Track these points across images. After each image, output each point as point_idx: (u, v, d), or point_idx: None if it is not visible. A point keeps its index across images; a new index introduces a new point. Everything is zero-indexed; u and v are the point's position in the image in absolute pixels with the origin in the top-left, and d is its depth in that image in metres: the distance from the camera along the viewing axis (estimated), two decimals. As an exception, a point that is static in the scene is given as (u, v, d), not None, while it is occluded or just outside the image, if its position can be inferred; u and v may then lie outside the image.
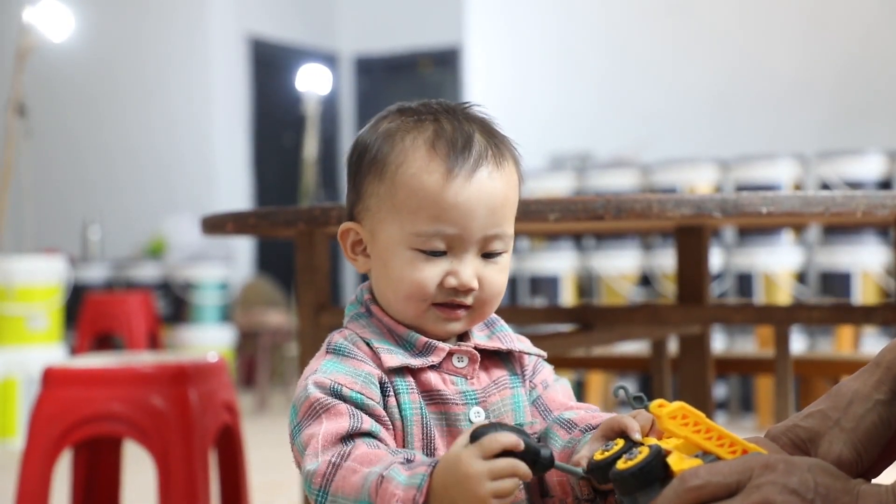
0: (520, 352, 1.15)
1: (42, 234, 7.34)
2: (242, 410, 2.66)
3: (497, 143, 1.12)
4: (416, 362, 1.09)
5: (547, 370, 1.19)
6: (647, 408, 1.02)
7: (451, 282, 1.09)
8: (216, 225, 2.04)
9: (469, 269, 1.09)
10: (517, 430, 1.00)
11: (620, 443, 1.01)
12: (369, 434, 1.04)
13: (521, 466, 0.98)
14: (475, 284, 1.09)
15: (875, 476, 1.06)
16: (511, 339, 1.16)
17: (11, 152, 5.24)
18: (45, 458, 2.23)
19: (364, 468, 1.00)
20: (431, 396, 1.09)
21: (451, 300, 1.10)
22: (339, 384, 1.06)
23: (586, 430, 1.11)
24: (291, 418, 1.09)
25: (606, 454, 1.01)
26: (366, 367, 1.08)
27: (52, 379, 2.27)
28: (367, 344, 1.10)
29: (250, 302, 7.41)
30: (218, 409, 2.32)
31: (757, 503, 0.91)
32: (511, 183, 1.12)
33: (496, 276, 1.11)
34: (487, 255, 1.11)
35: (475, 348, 1.12)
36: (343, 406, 1.05)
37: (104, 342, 6.06)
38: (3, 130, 5.32)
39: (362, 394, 1.06)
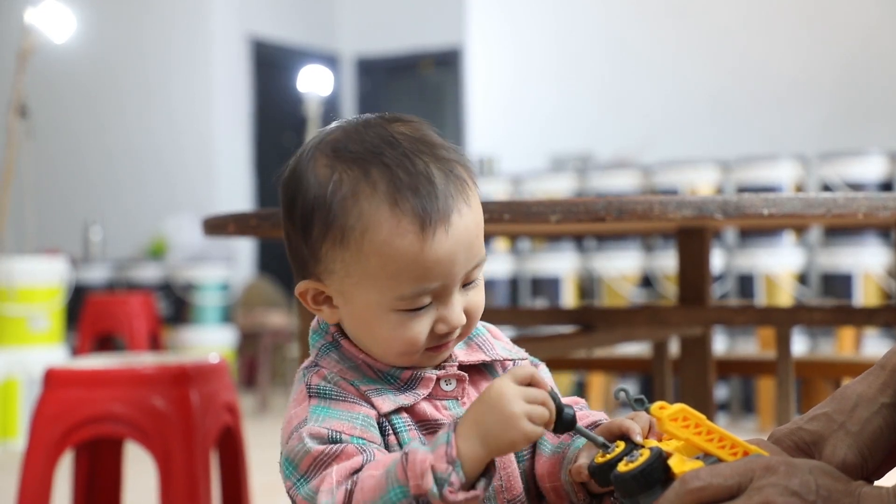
0: (504, 360, 1.12)
1: (43, 235, 7.34)
2: (243, 411, 2.66)
3: (453, 171, 1.03)
4: (408, 400, 1.05)
5: (525, 363, 1.15)
6: (648, 410, 1.02)
7: (443, 329, 1.04)
8: (217, 226, 2.04)
9: (457, 310, 1.04)
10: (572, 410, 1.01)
11: (621, 445, 1.01)
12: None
13: (549, 399, 0.97)
14: (464, 320, 1.05)
15: (878, 479, 1.06)
16: (490, 343, 1.13)
17: (13, 153, 5.24)
18: (47, 459, 2.23)
19: (380, 469, 0.97)
20: (428, 426, 1.06)
21: (442, 342, 1.06)
22: (337, 431, 1.00)
23: (575, 434, 1.09)
24: (288, 474, 1.02)
25: (608, 457, 1.01)
26: (362, 409, 1.03)
27: (53, 380, 2.27)
28: (353, 385, 1.05)
29: (251, 303, 7.41)
30: (219, 410, 2.32)
31: (758, 505, 0.91)
32: (478, 208, 1.05)
33: (477, 298, 1.07)
34: (467, 284, 1.06)
35: (460, 367, 1.09)
36: (351, 447, 0.99)
37: (105, 343, 6.06)
38: (5, 131, 5.33)
39: (363, 437, 1.01)
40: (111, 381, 2.25)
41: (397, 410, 1.04)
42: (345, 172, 1.03)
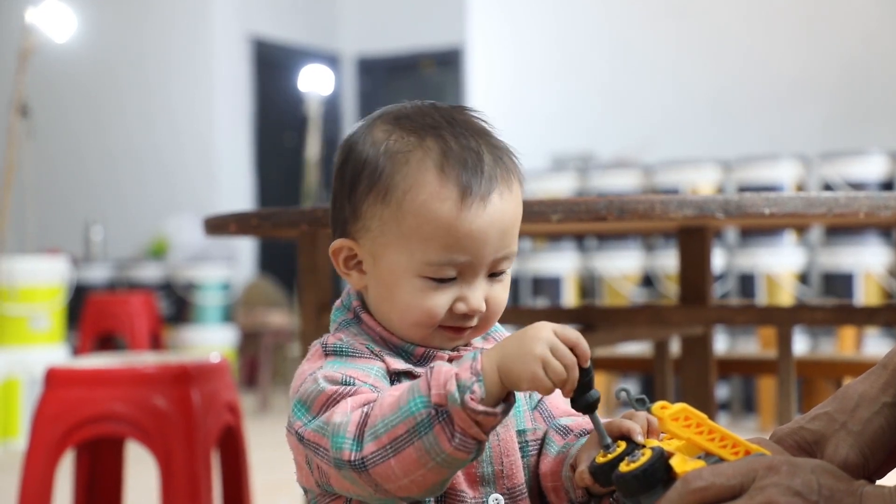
0: None
1: (44, 235, 7.34)
2: (244, 411, 2.66)
3: (503, 158, 1.08)
4: (418, 369, 1.07)
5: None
6: (649, 410, 1.02)
7: (461, 308, 1.06)
8: (219, 226, 2.04)
9: (479, 294, 1.06)
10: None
11: (623, 445, 1.01)
12: None
13: (575, 367, 0.98)
14: (484, 307, 1.07)
15: (880, 479, 1.06)
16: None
17: (14, 153, 5.24)
18: (48, 459, 2.23)
19: (400, 390, 0.98)
20: None
21: (459, 324, 1.07)
22: (350, 377, 1.02)
23: (581, 435, 1.10)
24: (299, 415, 1.03)
25: (609, 457, 1.01)
26: (375, 363, 1.05)
27: (54, 379, 2.27)
28: (367, 348, 1.07)
29: (252, 302, 7.41)
30: (220, 410, 2.32)
31: (760, 505, 0.91)
32: (518, 201, 1.09)
33: (501, 293, 1.09)
34: (493, 275, 1.08)
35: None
36: (365, 388, 1.01)
37: (106, 342, 6.06)
38: (6, 131, 5.33)
39: (376, 386, 1.02)
40: (112, 380, 2.25)
41: (405, 375, 1.06)
42: (401, 137, 1.07)
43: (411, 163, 1.05)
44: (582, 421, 1.13)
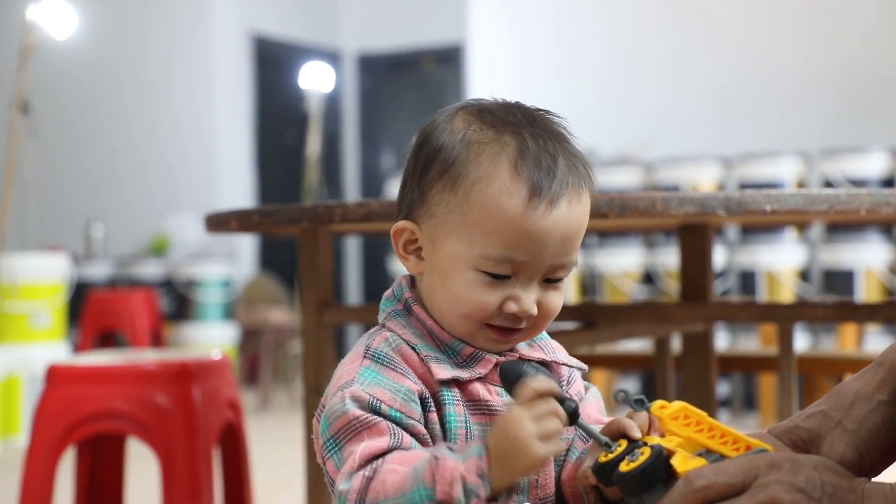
0: (561, 363, 1.14)
1: (45, 232, 7.34)
2: (245, 408, 2.67)
3: (577, 166, 1.07)
4: (464, 374, 1.06)
5: (579, 380, 1.17)
6: (648, 410, 1.02)
7: (512, 307, 1.05)
8: (220, 223, 2.04)
9: (531, 297, 1.05)
10: (545, 372, 1.02)
11: (624, 444, 1.01)
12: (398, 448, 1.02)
13: (559, 407, 0.97)
14: (535, 311, 1.06)
15: (875, 476, 1.06)
16: (552, 348, 1.15)
17: (15, 150, 5.24)
18: (49, 456, 2.23)
19: (405, 466, 0.98)
20: (478, 407, 1.06)
21: (507, 325, 1.06)
22: (378, 400, 1.02)
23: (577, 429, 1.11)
24: (323, 430, 1.04)
25: (610, 456, 1.00)
26: (406, 382, 1.04)
27: (55, 376, 2.27)
28: (414, 349, 1.06)
29: (253, 299, 7.41)
30: (221, 407, 2.32)
31: (764, 502, 0.90)
32: (586, 211, 1.08)
33: (555, 300, 1.08)
34: (549, 280, 1.07)
35: (520, 359, 1.09)
36: (384, 424, 1.01)
37: (107, 340, 6.06)
38: (7, 128, 5.33)
39: (402, 412, 1.02)
40: (113, 377, 2.25)
41: (450, 382, 1.05)
42: (480, 128, 1.07)
43: (486, 154, 1.05)
44: (609, 428, 1.13)
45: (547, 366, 1.13)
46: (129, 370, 2.25)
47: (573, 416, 1.00)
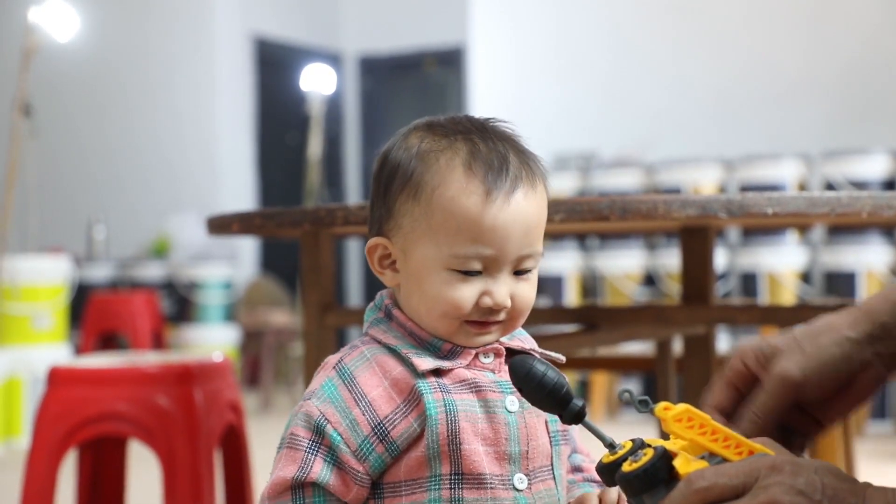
0: (540, 353, 1.17)
1: (47, 234, 7.35)
2: (247, 410, 2.67)
3: (529, 163, 1.14)
4: (445, 364, 1.11)
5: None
6: (652, 411, 1.02)
7: (487, 301, 1.10)
8: (222, 225, 2.04)
9: (504, 289, 1.11)
10: (554, 368, 1.03)
11: (628, 445, 1.01)
12: (314, 484, 1.08)
13: None
14: (509, 303, 1.11)
15: (828, 422, 1.07)
16: (531, 341, 1.19)
17: (17, 152, 5.25)
18: (51, 458, 2.23)
19: None
20: (466, 384, 1.11)
21: (484, 319, 1.12)
22: (326, 420, 1.09)
23: (587, 481, 1.18)
24: (283, 432, 1.12)
25: (614, 457, 1.01)
26: (356, 412, 1.09)
27: (57, 378, 2.27)
28: (395, 350, 1.12)
29: (254, 301, 7.41)
30: (223, 409, 2.32)
31: (764, 504, 0.91)
32: (543, 202, 1.14)
33: (527, 291, 1.13)
34: (519, 272, 1.13)
35: (527, 353, 1.14)
36: (301, 453, 1.08)
37: (109, 341, 6.06)
38: (9, 130, 5.33)
39: (342, 437, 1.08)
40: (115, 379, 2.25)
41: (429, 374, 1.10)
42: (433, 140, 1.14)
43: (441, 161, 1.12)
44: (590, 465, 1.19)
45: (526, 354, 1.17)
46: (131, 372, 2.25)
47: (580, 416, 1.02)
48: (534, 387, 1.02)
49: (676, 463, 0.98)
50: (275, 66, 8.62)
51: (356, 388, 1.10)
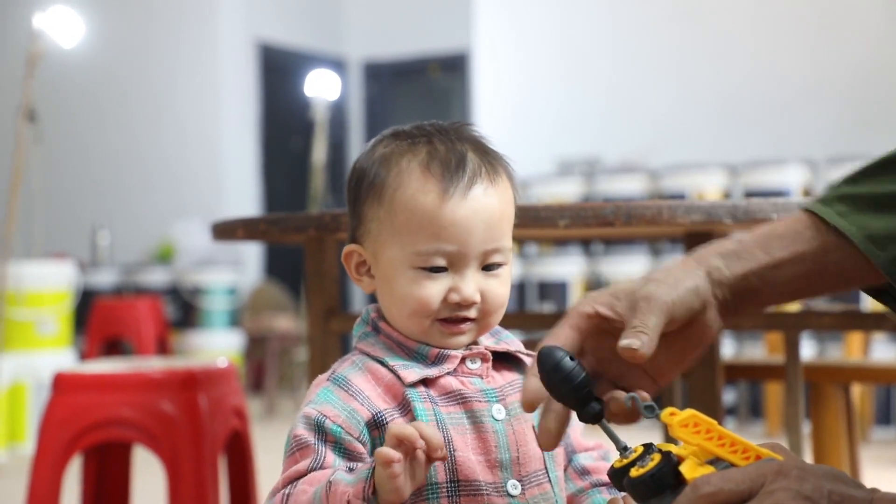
0: (527, 354, 1.18)
1: (51, 239, 7.35)
2: (251, 415, 2.67)
3: (490, 160, 1.15)
4: (432, 372, 1.12)
5: None
6: (658, 417, 1.02)
7: (454, 297, 1.12)
8: (226, 231, 2.04)
9: (470, 284, 1.12)
10: (577, 360, 1.02)
11: (639, 450, 1.01)
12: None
13: (419, 435, 1.01)
14: (477, 298, 1.12)
15: (664, 378, 1.07)
16: (518, 343, 1.20)
17: (21, 158, 5.25)
18: (56, 464, 2.23)
19: (312, 486, 1.05)
20: (451, 397, 1.12)
21: (454, 315, 1.13)
22: (324, 416, 1.09)
23: (596, 485, 1.18)
24: (287, 440, 1.13)
25: (624, 462, 1.01)
26: (353, 404, 1.10)
27: (62, 384, 2.27)
28: (382, 363, 1.13)
29: (259, 307, 7.41)
30: (227, 415, 2.32)
31: (769, 509, 0.90)
32: (506, 197, 1.15)
33: (498, 288, 1.14)
34: (488, 268, 1.14)
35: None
36: (312, 447, 1.09)
37: (113, 347, 6.06)
38: (14, 136, 5.34)
39: (343, 427, 1.09)
40: (120, 385, 2.25)
41: (416, 383, 1.11)
42: (395, 146, 1.16)
43: (401, 163, 1.14)
44: (599, 465, 1.19)
45: (517, 361, 1.17)
46: (136, 378, 2.25)
47: (598, 417, 1.02)
48: (559, 379, 1.01)
49: (683, 468, 0.98)
50: (279, 71, 8.63)
51: (352, 388, 1.11)
